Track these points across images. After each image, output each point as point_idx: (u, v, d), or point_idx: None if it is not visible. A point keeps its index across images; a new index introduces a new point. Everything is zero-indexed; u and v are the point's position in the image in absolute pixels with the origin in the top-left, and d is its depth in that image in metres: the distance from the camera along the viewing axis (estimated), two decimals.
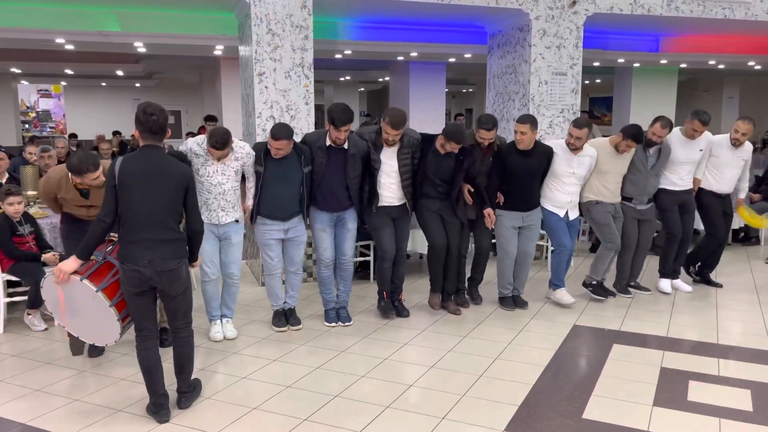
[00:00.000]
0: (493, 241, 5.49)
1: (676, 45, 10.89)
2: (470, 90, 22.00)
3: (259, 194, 4.46)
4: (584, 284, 5.56)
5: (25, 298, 4.81)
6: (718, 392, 3.68)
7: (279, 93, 5.92)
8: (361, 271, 6.32)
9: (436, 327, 4.83)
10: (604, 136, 6.00)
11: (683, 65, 12.28)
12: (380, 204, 4.81)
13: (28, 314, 4.82)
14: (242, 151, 4.36)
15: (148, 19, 8.06)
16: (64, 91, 20.29)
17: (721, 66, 12.46)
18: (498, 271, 5.26)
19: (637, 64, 11.98)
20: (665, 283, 5.77)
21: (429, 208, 4.95)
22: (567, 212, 5.20)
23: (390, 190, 4.80)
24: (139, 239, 3.15)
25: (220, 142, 4.11)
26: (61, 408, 3.50)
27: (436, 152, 4.80)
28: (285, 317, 4.82)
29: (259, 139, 5.93)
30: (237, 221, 4.47)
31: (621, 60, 11.18)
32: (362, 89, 19.74)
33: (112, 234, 3.41)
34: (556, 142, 5.22)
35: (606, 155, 5.21)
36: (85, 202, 4.19)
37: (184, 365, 3.44)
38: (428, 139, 4.88)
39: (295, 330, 4.75)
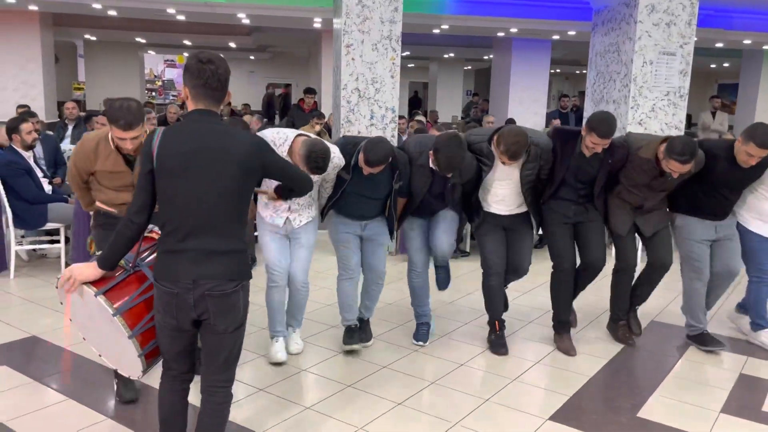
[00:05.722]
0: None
1: None
2: (584, 72, 21.01)
3: (336, 198, 3.68)
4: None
5: None
6: None
7: (365, 65, 5.93)
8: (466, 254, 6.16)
9: None
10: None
11: None
12: (487, 211, 3.90)
13: None
14: (331, 164, 3.37)
15: None
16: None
17: None
18: (685, 302, 4.12)
19: (767, 47, 10.93)
20: None
21: (561, 214, 3.88)
22: None
23: (502, 202, 3.84)
24: (182, 249, 2.17)
25: (322, 167, 3.24)
26: None
27: (580, 155, 3.75)
28: (357, 332, 3.87)
29: (343, 112, 6.01)
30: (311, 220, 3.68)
31: (747, 41, 10.25)
32: (468, 67, 19.38)
33: (155, 230, 2.44)
34: None
35: None
36: (128, 180, 2.98)
37: None
38: (567, 136, 3.80)
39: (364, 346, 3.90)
